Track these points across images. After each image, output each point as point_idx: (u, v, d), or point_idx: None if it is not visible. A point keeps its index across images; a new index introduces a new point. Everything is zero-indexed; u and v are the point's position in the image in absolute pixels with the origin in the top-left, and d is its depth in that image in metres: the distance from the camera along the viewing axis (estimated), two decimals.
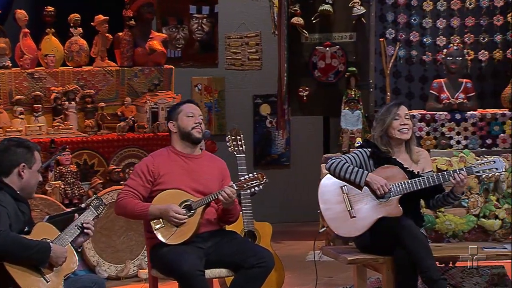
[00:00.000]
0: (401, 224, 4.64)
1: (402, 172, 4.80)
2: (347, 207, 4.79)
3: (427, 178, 4.74)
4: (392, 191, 4.75)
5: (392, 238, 4.62)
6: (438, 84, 7.45)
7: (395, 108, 4.90)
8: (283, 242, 7.64)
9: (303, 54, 7.60)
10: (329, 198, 4.84)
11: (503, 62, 7.68)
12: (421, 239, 4.61)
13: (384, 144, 4.88)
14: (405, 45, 7.76)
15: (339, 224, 4.78)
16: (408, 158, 4.91)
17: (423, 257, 4.54)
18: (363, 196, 4.80)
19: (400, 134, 4.86)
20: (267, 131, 8.87)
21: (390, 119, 4.87)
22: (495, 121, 7.34)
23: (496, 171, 4.83)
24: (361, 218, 4.76)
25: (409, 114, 4.93)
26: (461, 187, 4.76)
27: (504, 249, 4.93)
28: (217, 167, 4.79)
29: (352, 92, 7.39)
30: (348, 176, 4.78)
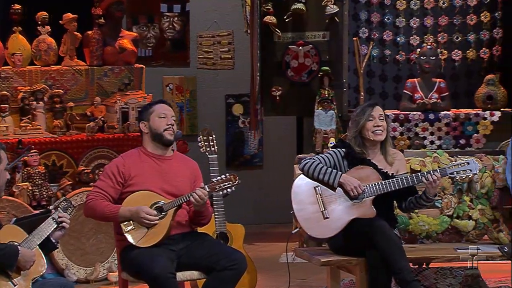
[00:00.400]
0: (374, 225, 4.66)
1: (376, 173, 4.82)
2: (321, 208, 4.81)
3: (401, 179, 4.77)
4: (365, 192, 4.78)
5: (366, 239, 4.65)
6: (411, 83, 7.51)
7: (369, 109, 4.92)
8: (256, 244, 7.65)
9: (276, 53, 7.62)
10: (302, 199, 4.85)
11: (476, 62, 7.75)
12: (395, 240, 4.64)
13: (359, 145, 4.90)
14: (378, 44, 7.80)
15: (312, 225, 4.80)
16: (383, 159, 4.93)
17: (396, 258, 4.57)
18: (336, 197, 4.82)
19: (374, 136, 4.88)
20: (239, 132, 8.87)
21: (364, 120, 4.89)
22: (469, 121, 7.41)
23: (470, 173, 4.88)
24: (335, 219, 4.78)
25: (384, 115, 4.94)
26: (434, 189, 4.79)
27: (477, 250, 4.97)
28: (188, 168, 4.78)
29: (325, 91, 7.42)
30: (321, 177, 4.80)
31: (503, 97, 7.39)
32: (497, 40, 7.62)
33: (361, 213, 4.77)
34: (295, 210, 4.84)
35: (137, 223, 4.56)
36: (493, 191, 5.24)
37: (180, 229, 4.66)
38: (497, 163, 5.27)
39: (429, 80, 7.48)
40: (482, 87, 7.44)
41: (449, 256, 4.92)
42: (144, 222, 4.53)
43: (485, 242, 5.22)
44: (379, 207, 4.80)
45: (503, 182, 5.18)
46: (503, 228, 5.17)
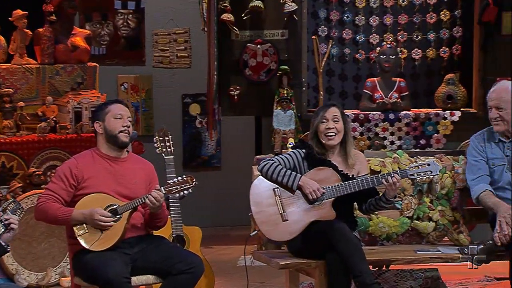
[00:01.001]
0: (334, 227, 4.68)
1: (336, 174, 4.85)
2: (279, 210, 4.82)
3: (361, 181, 4.81)
4: (325, 194, 4.80)
5: (325, 242, 4.67)
6: (371, 83, 7.57)
7: (322, 110, 4.94)
8: (214, 246, 7.65)
9: (233, 52, 7.61)
10: (261, 200, 4.86)
11: (436, 61, 7.84)
12: (354, 243, 4.66)
13: (317, 146, 4.93)
14: (338, 42, 7.85)
15: (271, 227, 4.81)
16: (343, 160, 4.96)
17: (356, 261, 4.59)
18: (296, 199, 4.84)
19: (326, 139, 4.90)
20: (196, 132, 8.85)
21: (317, 122, 4.91)
22: (429, 121, 7.50)
23: (431, 174, 4.93)
24: (294, 222, 4.80)
25: (342, 116, 4.95)
26: (394, 191, 4.83)
27: (438, 251, 5.03)
28: (144, 170, 4.77)
29: (284, 91, 7.44)
30: (280, 179, 4.81)
31: (463, 97, 7.49)
32: (457, 39, 7.71)
33: (320, 215, 4.79)
34: (253, 212, 4.85)
35: (90, 226, 4.53)
36: (453, 192, 5.30)
37: (135, 232, 4.65)
38: (457, 163, 5.33)
39: (389, 79, 7.55)
40: (442, 86, 7.52)
41: (409, 258, 4.96)
42: (98, 224, 4.51)
43: (445, 243, 5.28)
44: (339, 209, 4.83)
45: (463, 183, 5.25)
46: (463, 229, 5.23)
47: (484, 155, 5.10)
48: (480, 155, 5.10)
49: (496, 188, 5.03)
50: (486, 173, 5.06)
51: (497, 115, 5.00)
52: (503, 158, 5.05)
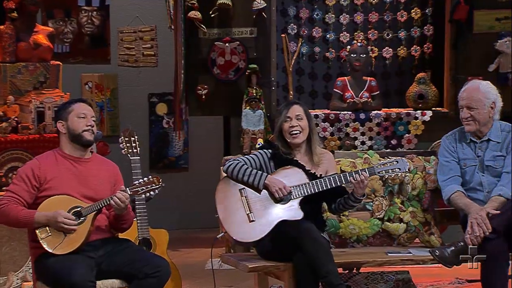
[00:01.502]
0: (301, 227, 4.69)
1: (302, 173, 4.86)
2: (246, 211, 4.82)
3: (328, 180, 4.82)
4: (292, 193, 4.82)
5: (292, 243, 4.67)
6: (342, 82, 7.60)
7: (285, 109, 4.95)
8: (181, 249, 7.64)
9: (201, 50, 7.61)
10: (227, 201, 4.86)
11: (407, 60, 7.89)
12: (322, 243, 4.67)
13: (283, 145, 4.94)
14: (307, 41, 7.87)
15: (237, 228, 4.81)
16: (310, 159, 4.97)
17: (323, 261, 4.59)
18: (263, 199, 4.85)
19: (291, 138, 4.92)
20: (163, 132, 8.84)
21: (281, 121, 4.93)
22: (400, 121, 7.55)
23: (399, 172, 4.95)
24: (260, 222, 4.80)
25: (306, 114, 4.97)
26: (362, 189, 4.85)
27: (408, 253, 5.06)
28: (108, 171, 4.75)
29: (253, 90, 7.45)
30: (246, 178, 4.82)
31: (434, 96, 7.55)
32: (428, 37, 7.77)
33: (287, 215, 4.80)
34: (219, 214, 4.85)
35: (53, 229, 4.50)
36: (424, 193, 5.33)
37: (99, 234, 4.62)
38: (429, 164, 5.36)
39: (359, 78, 7.58)
40: (413, 85, 7.58)
41: (380, 261, 4.98)
42: (62, 227, 4.48)
43: (417, 245, 5.31)
44: (307, 209, 4.84)
45: (435, 184, 5.28)
46: (435, 231, 5.27)
47: (456, 156, 5.14)
48: (451, 155, 5.14)
49: (467, 189, 5.07)
50: (457, 174, 5.10)
51: (468, 115, 5.04)
52: (475, 159, 5.09)
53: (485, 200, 4.97)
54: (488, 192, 5.00)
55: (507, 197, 4.88)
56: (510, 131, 5.08)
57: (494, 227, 4.74)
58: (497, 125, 5.09)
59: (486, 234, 4.73)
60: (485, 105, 5.02)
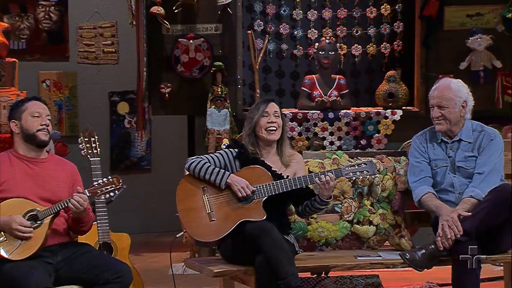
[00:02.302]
0: (262, 228, 4.69)
1: (267, 173, 4.87)
2: (207, 210, 4.82)
3: (293, 180, 4.84)
4: (255, 193, 4.83)
5: (254, 243, 4.67)
6: (310, 80, 7.62)
7: (263, 105, 4.98)
8: (144, 254, 7.61)
9: (164, 47, 7.58)
10: (188, 199, 4.86)
11: (377, 57, 7.93)
12: (282, 244, 4.66)
13: (252, 144, 4.95)
14: (274, 38, 7.88)
15: (197, 228, 4.81)
16: (278, 160, 4.99)
17: (282, 263, 4.58)
18: (225, 198, 4.85)
19: (267, 134, 4.93)
20: (125, 132, 8.81)
21: (258, 116, 4.94)
22: (370, 120, 7.58)
23: (367, 174, 4.98)
24: (221, 222, 4.80)
25: (281, 113, 5.01)
26: (328, 190, 4.86)
27: (378, 257, 5.08)
28: (66, 172, 4.72)
29: (218, 89, 7.44)
30: (208, 176, 4.82)
31: (404, 95, 7.59)
32: (398, 34, 7.81)
33: (250, 215, 4.81)
34: (179, 212, 4.84)
35: (9, 234, 4.46)
36: (395, 194, 5.35)
37: (57, 239, 4.60)
38: (399, 164, 5.39)
39: (328, 76, 7.60)
40: (383, 84, 7.61)
41: (349, 264, 5.00)
42: (17, 235, 4.45)
43: (387, 248, 5.34)
44: (272, 211, 4.85)
45: (405, 185, 5.31)
46: (405, 233, 5.30)
47: (426, 156, 5.17)
48: (422, 156, 5.17)
49: (438, 190, 5.10)
50: (428, 175, 5.13)
51: (439, 114, 5.07)
52: (446, 159, 5.12)
53: (456, 202, 5.01)
54: (459, 194, 5.04)
55: (478, 199, 4.92)
56: (482, 131, 5.12)
57: (466, 230, 4.78)
58: (469, 125, 5.13)
59: (458, 236, 4.77)
60: (456, 104, 5.06)
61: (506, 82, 7.72)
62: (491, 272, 6.32)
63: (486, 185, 4.95)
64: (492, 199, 4.87)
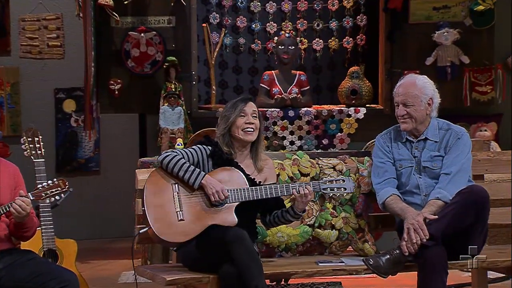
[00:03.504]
0: (233, 234, 4.69)
1: (243, 178, 4.88)
2: (176, 208, 4.80)
3: (269, 188, 4.85)
4: (229, 196, 4.82)
5: (221, 250, 4.67)
6: (269, 76, 7.64)
7: (241, 104, 4.98)
8: (92, 261, 7.58)
9: (113, 41, 7.56)
10: (156, 194, 4.83)
11: (339, 52, 7.97)
12: (254, 254, 4.68)
13: (227, 144, 4.94)
14: (231, 31, 7.89)
15: (164, 226, 4.78)
16: (252, 164, 4.99)
17: (254, 273, 4.61)
18: (196, 197, 4.84)
19: (244, 135, 4.93)
20: (72, 132, 8.77)
21: (235, 116, 4.94)
22: (332, 119, 7.62)
23: (344, 192, 5.02)
24: (190, 223, 4.79)
25: (258, 113, 5.01)
26: (304, 204, 4.90)
27: (341, 263, 5.10)
28: (7, 173, 4.69)
29: (172, 85, 7.43)
30: (182, 174, 4.80)
31: (368, 92, 7.64)
32: (361, 28, 7.87)
33: (220, 219, 4.81)
34: (146, 206, 4.80)
35: None
36: (358, 197, 5.37)
37: None
38: (362, 165, 5.42)
39: (288, 72, 7.63)
40: (346, 80, 7.66)
41: (310, 271, 5.01)
42: None
43: (349, 254, 5.37)
44: (242, 216, 4.85)
45: (369, 187, 5.33)
46: (369, 238, 5.33)
47: (391, 156, 5.20)
48: (386, 156, 5.20)
49: (403, 192, 5.14)
50: (393, 176, 5.16)
51: (404, 112, 5.10)
52: (411, 159, 5.15)
53: (422, 204, 5.05)
54: (425, 196, 5.08)
55: (445, 201, 4.95)
56: (448, 129, 5.16)
57: (432, 234, 4.81)
58: (435, 123, 5.17)
59: (424, 241, 4.80)
60: (422, 102, 5.10)
61: (474, 79, 7.82)
62: (458, 278, 6.39)
63: (453, 186, 4.98)
64: (459, 201, 4.91)
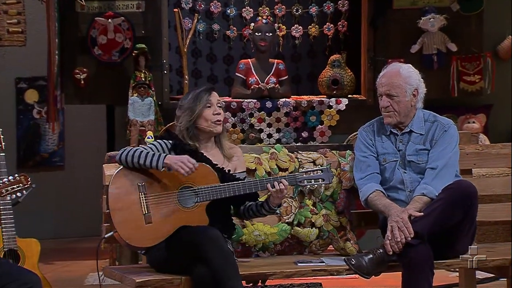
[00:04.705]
0: (207, 235, 4.69)
1: (214, 173, 4.87)
2: (143, 210, 4.80)
3: (242, 185, 4.86)
4: (199, 195, 4.82)
5: (193, 252, 4.68)
6: (245, 65, 7.64)
7: (206, 94, 4.98)
8: (56, 262, 7.56)
9: (79, 27, 7.53)
10: (121, 196, 4.81)
11: (319, 39, 7.98)
12: (229, 255, 4.68)
13: (191, 137, 4.94)
14: (205, 17, 7.89)
15: (131, 230, 4.77)
16: (219, 153, 4.99)
17: (229, 276, 4.61)
18: (164, 198, 4.83)
19: (213, 126, 4.95)
20: (34, 124, 8.74)
21: (201, 107, 4.94)
22: (312, 110, 7.64)
23: (323, 183, 5.02)
24: (159, 225, 4.79)
25: (222, 102, 5.03)
26: (279, 199, 4.91)
27: (321, 263, 5.12)
28: None
29: (141, 74, 7.42)
30: (142, 161, 4.78)
31: (350, 82, 7.66)
32: (342, 13, 7.87)
33: (191, 219, 4.80)
34: (110, 210, 4.80)
35: None
36: (339, 193, 5.38)
37: None
38: (344, 159, 5.43)
39: (265, 61, 7.64)
40: (327, 69, 7.67)
41: (288, 272, 5.02)
42: None
43: (330, 253, 5.38)
44: (215, 212, 4.85)
45: (351, 182, 5.34)
46: (351, 236, 5.34)
47: (374, 150, 5.21)
48: (369, 149, 5.21)
49: (387, 188, 5.15)
50: (376, 171, 5.18)
51: (387, 104, 5.10)
52: (396, 153, 5.17)
53: (407, 201, 5.07)
54: (410, 191, 5.09)
55: (431, 197, 4.97)
56: (434, 121, 5.17)
57: (417, 232, 4.83)
58: (420, 115, 5.19)
59: (408, 239, 4.82)
60: (407, 92, 5.10)
61: (462, 68, 7.84)
62: (445, 278, 6.43)
63: (440, 181, 5.00)
64: (446, 197, 4.93)
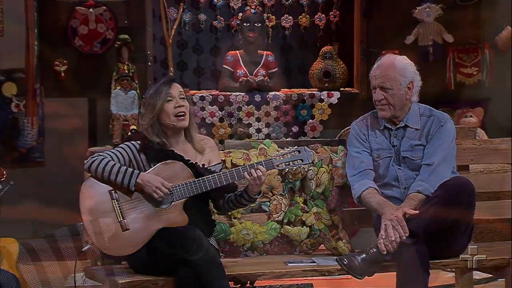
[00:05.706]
0: (187, 236, 4.70)
1: (186, 169, 4.86)
2: (118, 218, 4.79)
3: (218, 177, 4.84)
4: (174, 194, 4.81)
5: (176, 254, 4.68)
6: (233, 57, 7.64)
7: (165, 87, 4.94)
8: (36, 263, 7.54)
9: (59, 17, 7.52)
10: (94, 206, 4.81)
11: (310, 30, 7.98)
12: (213, 255, 4.69)
13: (157, 134, 4.91)
14: (190, 6, 7.89)
15: (108, 240, 4.77)
16: (190, 148, 4.97)
17: (214, 276, 4.62)
18: (138, 202, 4.83)
19: (177, 121, 4.91)
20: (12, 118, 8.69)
21: (162, 101, 4.91)
22: (303, 104, 7.64)
23: (302, 163, 5.01)
24: (136, 231, 4.79)
25: (185, 94, 4.98)
26: (258, 186, 4.89)
27: (312, 263, 5.13)
28: None
29: (124, 66, 7.41)
30: (113, 177, 4.76)
31: (342, 74, 7.66)
32: (334, 3, 7.88)
33: (169, 221, 4.80)
34: (84, 222, 4.80)
35: None
36: (331, 190, 5.39)
37: None
38: (336, 155, 5.44)
39: (254, 52, 7.64)
40: (318, 61, 7.67)
41: (278, 272, 5.03)
42: None
43: (322, 253, 5.39)
44: (193, 210, 4.85)
45: (343, 179, 5.36)
46: (343, 235, 5.35)
47: (367, 146, 5.22)
48: (362, 145, 5.23)
49: (381, 185, 5.16)
50: (369, 167, 5.19)
51: (382, 97, 5.11)
52: (390, 149, 5.18)
53: (401, 198, 5.08)
54: (405, 189, 5.11)
55: (427, 194, 4.99)
56: (430, 116, 5.18)
57: (412, 230, 4.84)
58: (415, 109, 5.20)
59: (403, 238, 4.84)
60: (402, 85, 5.11)
61: (459, 59, 7.86)
62: (441, 278, 6.45)
63: (436, 178, 5.02)
64: (442, 195, 4.95)
